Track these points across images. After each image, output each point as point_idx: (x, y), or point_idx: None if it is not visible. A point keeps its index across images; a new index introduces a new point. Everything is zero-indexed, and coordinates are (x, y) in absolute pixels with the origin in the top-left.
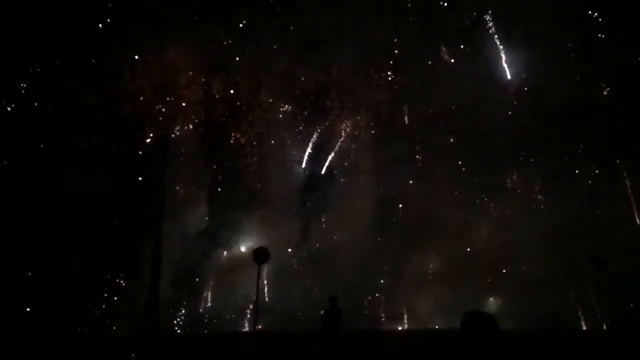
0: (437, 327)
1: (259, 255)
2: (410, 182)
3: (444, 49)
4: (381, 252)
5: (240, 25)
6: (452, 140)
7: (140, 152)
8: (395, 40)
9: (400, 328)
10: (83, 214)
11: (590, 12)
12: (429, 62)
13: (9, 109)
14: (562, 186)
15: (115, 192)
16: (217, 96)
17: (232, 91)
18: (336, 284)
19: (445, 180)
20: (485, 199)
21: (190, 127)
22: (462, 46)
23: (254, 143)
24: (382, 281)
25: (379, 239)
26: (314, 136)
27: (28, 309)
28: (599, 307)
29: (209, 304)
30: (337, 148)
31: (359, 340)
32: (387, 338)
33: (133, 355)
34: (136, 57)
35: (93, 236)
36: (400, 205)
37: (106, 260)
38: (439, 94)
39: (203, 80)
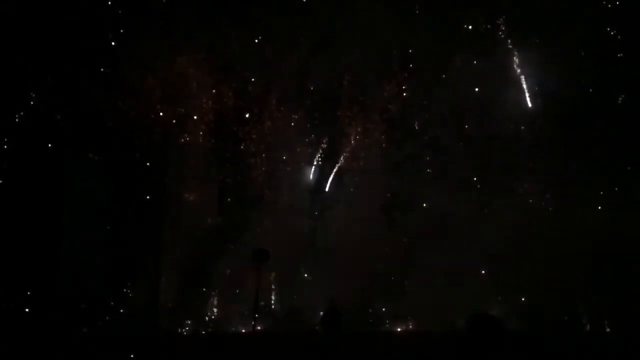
0: (441, 328)
1: (259, 256)
2: (418, 185)
3: (457, 53)
4: (388, 253)
5: (250, 26)
6: (461, 143)
7: (147, 159)
8: (409, 48)
9: (404, 329)
10: (86, 216)
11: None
12: (442, 64)
13: (16, 118)
14: (571, 190)
15: (119, 194)
16: (227, 103)
17: (242, 96)
18: (343, 285)
19: (454, 182)
20: (493, 202)
21: (200, 133)
22: (475, 49)
23: (263, 155)
24: (388, 281)
25: (386, 240)
26: (324, 142)
27: (27, 310)
28: (598, 308)
29: (215, 306)
30: (346, 152)
31: (358, 341)
32: (388, 339)
33: (132, 356)
34: (145, 63)
35: (95, 237)
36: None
37: (108, 262)
38: (450, 97)
39: (213, 91)
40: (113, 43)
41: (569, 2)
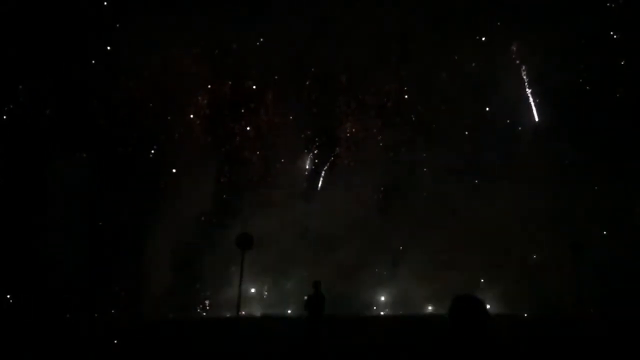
0: (428, 312)
1: (242, 241)
2: (415, 169)
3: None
4: (382, 237)
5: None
6: (457, 130)
7: (139, 149)
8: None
9: (388, 313)
10: (71, 206)
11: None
12: (440, 52)
13: (4, 112)
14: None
15: (105, 184)
16: (224, 92)
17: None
18: (336, 270)
19: (448, 168)
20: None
21: (197, 123)
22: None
23: (259, 149)
24: (378, 270)
25: (380, 225)
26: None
27: (9, 296)
28: (578, 291)
29: (209, 290)
30: (342, 140)
31: (341, 324)
32: (371, 323)
33: (116, 341)
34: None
35: (80, 226)
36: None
37: (93, 248)
38: (448, 86)
39: (209, 86)
40: (106, 37)
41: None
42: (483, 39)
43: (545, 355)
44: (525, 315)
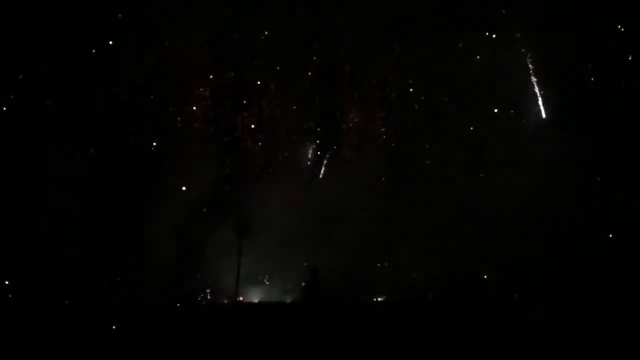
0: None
1: (239, 229)
2: (417, 160)
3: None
4: (383, 226)
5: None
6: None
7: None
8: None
9: (385, 299)
10: (69, 192)
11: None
12: (444, 42)
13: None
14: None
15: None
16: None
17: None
18: (334, 257)
19: (450, 152)
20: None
21: (199, 112)
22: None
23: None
24: (378, 257)
25: (381, 214)
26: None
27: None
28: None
29: (209, 278)
30: (344, 125)
31: (340, 311)
32: (372, 309)
33: (114, 327)
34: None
35: (79, 213)
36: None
37: (92, 237)
38: (452, 76)
39: (210, 77)
40: (107, 26)
41: None
42: (488, 31)
43: (543, 340)
44: (528, 309)
